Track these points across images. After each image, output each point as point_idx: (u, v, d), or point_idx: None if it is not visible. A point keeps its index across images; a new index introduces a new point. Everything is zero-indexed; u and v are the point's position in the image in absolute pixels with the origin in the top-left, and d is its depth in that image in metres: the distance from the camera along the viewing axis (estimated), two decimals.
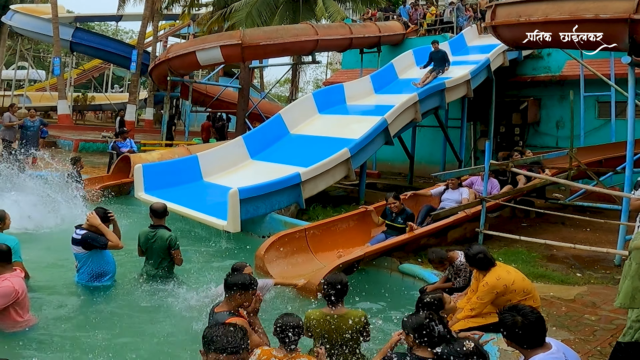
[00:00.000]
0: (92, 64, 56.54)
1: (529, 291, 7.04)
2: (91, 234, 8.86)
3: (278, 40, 23.81)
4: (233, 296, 6.08)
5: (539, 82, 22.69)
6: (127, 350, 6.98)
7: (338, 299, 6.56)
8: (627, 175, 11.17)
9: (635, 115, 11.56)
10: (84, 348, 6.95)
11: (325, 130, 17.19)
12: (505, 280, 7.00)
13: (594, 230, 13.90)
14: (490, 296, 6.99)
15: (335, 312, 6.47)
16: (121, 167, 18.38)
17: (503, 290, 6.94)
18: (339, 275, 6.97)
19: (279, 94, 70.08)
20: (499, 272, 7.16)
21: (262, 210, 12.95)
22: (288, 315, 5.81)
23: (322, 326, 6.34)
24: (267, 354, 5.52)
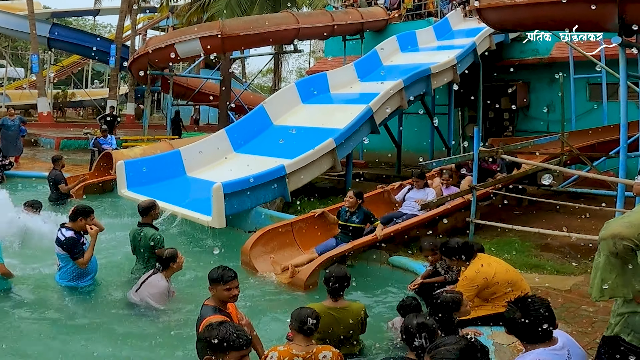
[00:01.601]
0: (70, 60, 56.13)
1: (513, 282, 6.99)
2: (74, 241, 8.81)
3: (258, 30, 23.61)
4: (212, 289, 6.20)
5: (527, 65, 22.53)
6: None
7: (340, 292, 6.74)
8: (621, 159, 11.04)
9: (627, 97, 11.35)
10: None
11: (310, 121, 17.02)
12: (485, 273, 6.96)
13: (589, 217, 13.68)
14: (472, 290, 6.93)
15: (338, 305, 6.62)
16: (103, 164, 18.19)
17: (484, 284, 6.90)
18: (343, 268, 7.11)
19: (261, 84, 69.80)
20: (478, 265, 7.12)
21: (247, 205, 12.80)
22: (307, 308, 5.98)
23: (325, 319, 6.32)
24: (287, 354, 5.61)
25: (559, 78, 14.83)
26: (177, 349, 6.97)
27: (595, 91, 20.46)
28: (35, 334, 7.41)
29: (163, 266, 8.41)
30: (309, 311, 5.86)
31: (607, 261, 4.78)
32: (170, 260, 8.39)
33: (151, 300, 8.12)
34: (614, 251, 4.67)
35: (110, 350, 6.96)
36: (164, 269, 8.40)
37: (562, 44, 19.06)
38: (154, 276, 8.36)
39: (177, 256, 8.46)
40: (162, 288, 8.27)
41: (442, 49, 21.73)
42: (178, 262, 8.46)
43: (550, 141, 15.33)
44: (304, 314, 5.81)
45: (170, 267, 8.40)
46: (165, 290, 8.27)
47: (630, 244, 4.62)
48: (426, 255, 8.76)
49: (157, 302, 8.12)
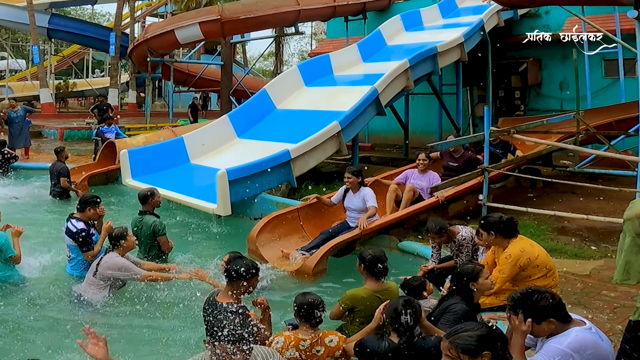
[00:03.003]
0: (71, 50, 56.11)
1: (550, 268, 6.85)
2: (86, 233, 8.82)
3: (258, 13, 23.61)
4: (237, 284, 5.82)
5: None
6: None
7: (385, 274, 6.73)
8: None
9: None
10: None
11: (313, 104, 16.89)
12: (529, 254, 6.79)
13: (607, 199, 13.46)
14: (513, 269, 6.78)
15: (382, 287, 6.64)
16: (107, 153, 18.17)
17: (526, 264, 6.73)
18: (381, 249, 7.08)
19: (263, 68, 69.62)
20: (523, 244, 6.96)
21: (252, 191, 12.66)
22: (309, 294, 5.90)
23: (372, 303, 6.32)
24: (294, 339, 5.64)
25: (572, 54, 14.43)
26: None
27: (611, 67, 20.11)
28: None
29: (113, 245, 8.22)
30: (312, 297, 5.80)
31: (632, 243, 4.61)
32: (120, 239, 8.19)
33: (123, 276, 8.04)
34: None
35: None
36: (114, 248, 8.20)
37: (574, 19, 18.72)
38: (109, 254, 8.19)
39: (126, 234, 8.27)
40: (120, 262, 8.07)
41: (448, 27, 21.53)
42: (128, 240, 8.27)
43: (565, 120, 15.05)
44: (312, 301, 5.77)
45: (120, 245, 8.18)
46: (124, 262, 8.11)
47: None
48: (432, 237, 8.53)
49: (130, 274, 8.01)
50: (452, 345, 3.97)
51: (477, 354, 3.92)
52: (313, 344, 5.63)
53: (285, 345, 5.55)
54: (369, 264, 6.61)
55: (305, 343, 5.60)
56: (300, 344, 5.59)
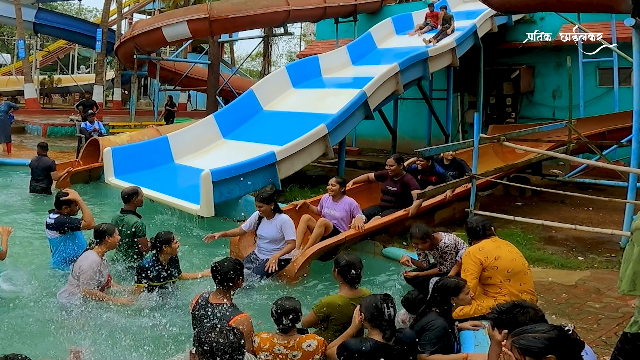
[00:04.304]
0: (57, 45, 56.07)
1: (515, 272, 6.76)
2: (63, 217, 8.98)
3: (247, 12, 23.63)
4: (234, 286, 6.07)
5: (532, 48, 22.25)
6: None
7: (359, 281, 6.69)
8: (633, 148, 10.74)
9: None
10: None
11: (301, 106, 16.88)
12: (487, 252, 6.82)
13: (597, 210, 13.57)
14: (474, 267, 6.77)
15: (357, 294, 6.56)
16: (90, 151, 18.08)
17: (484, 262, 6.74)
18: (357, 255, 7.07)
19: (250, 69, 69.62)
20: (485, 243, 7.00)
21: (236, 193, 12.63)
22: (285, 299, 5.90)
23: (348, 311, 6.27)
24: (268, 342, 5.67)
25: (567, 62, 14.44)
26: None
27: (606, 76, 20.22)
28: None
29: (98, 240, 8.03)
30: (288, 303, 5.78)
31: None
32: (106, 234, 8.00)
33: (82, 278, 7.70)
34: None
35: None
36: (98, 244, 8.01)
37: (569, 26, 18.76)
38: (87, 251, 8.03)
39: (113, 231, 8.11)
40: (94, 263, 7.81)
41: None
42: (114, 237, 8.09)
43: (557, 128, 15.09)
44: (285, 306, 5.76)
45: (105, 241, 7.99)
46: (96, 266, 7.81)
47: None
48: (415, 244, 8.40)
49: (86, 279, 7.66)
50: (514, 344, 3.79)
51: (540, 356, 3.69)
52: (289, 349, 5.63)
53: (260, 348, 5.59)
54: (342, 270, 6.61)
55: (280, 348, 5.63)
56: (275, 348, 5.62)
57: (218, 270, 5.93)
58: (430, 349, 5.76)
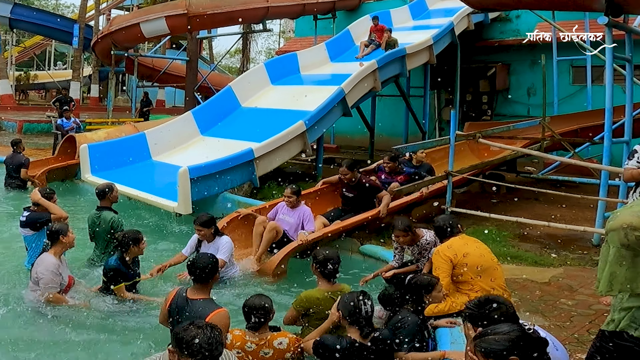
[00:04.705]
0: (33, 41, 55.57)
1: (484, 268, 6.78)
2: (35, 214, 8.94)
3: (226, 9, 23.58)
4: (211, 282, 6.04)
5: (508, 46, 22.42)
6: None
7: (336, 275, 6.74)
8: (605, 145, 10.87)
9: (613, 80, 11.16)
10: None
11: (279, 103, 16.92)
12: (455, 250, 6.85)
13: (570, 207, 13.66)
14: (444, 264, 6.80)
15: (336, 288, 6.65)
16: (67, 147, 17.90)
17: (453, 260, 6.77)
18: (335, 250, 7.18)
19: (229, 65, 69.43)
20: (454, 241, 7.04)
21: (214, 190, 12.65)
22: (256, 297, 5.93)
23: (327, 304, 6.33)
24: (240, 339, 5.68)
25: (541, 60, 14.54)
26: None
27: (579, 74, 20.41)
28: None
29: (51, 241, 7.87)
30: (257, 301, 5.82)
31: (617, 253, 4.60)
32: (59, 233, 7.80)
33: (41, 283, 7.52)
34: (626, 242, 4.49)
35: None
36: (52, 245, 7.85)
37: (544, 24, 18.91)
38: (42, 254, 7.90)
39: (67, 230, 7.94)
40: (51, 265, 7.63)
41: (418, 28, 21.71)
42: (69, 237, 7.91)
43: (531, 126, 15.24)
44: (254, 304, 5.81)
45: (59, 241, 7.81)
46: (54, 268, 7.63)
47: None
48: (397, 236, 8.41)
49: (45, 284, 7.48)
50: (477, 348, 3.77)
51: (503, 358, 3.67)
52: (260, 347, 5.67)
53: (232, 344, 5.59)
54: (319, 264, 6.65)
55: (251, 345, 5.65)
56: (246, 345, 5.64)
57: (194, 266, 5.90)
58: (407, 347, 5.79)
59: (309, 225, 10.21)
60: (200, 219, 9.12)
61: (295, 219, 10.31)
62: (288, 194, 10.36)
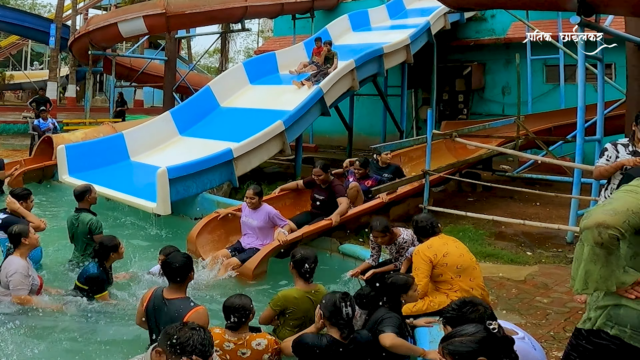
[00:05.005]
0: (9, 41, 54.99)
1: (464, 268, 6.80)
2: (12, 217, 8.91)
3: (204, 8, 23.57)
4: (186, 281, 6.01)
5: (483, 45, 22.64)
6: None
7: (311, 275, 6.79)
8: (578, 144, 10.95)
9: (585, 79, 11.29)
10: None
11: (258, 102, 16.96)
12: (436, 250, 6.84)
13: (544, 205, 13.81)
14: (424, 265, 6.79)
15: (312, 288, 6.73)
16: (44, 148, 17.84)
17: (433, 260, 6.76)
18: (313, 250, 7.24)
19: (208, 65, 69.32)
20: (433, 241, 7.04)
21: (193, 190, 12.60)
22: (235, 297, 5.95)
23: (304, 304, 6.51)
24: (219, 338, 5.67)
25: (516, 59, 14.66)
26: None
27: (553, 73, 20.63)
28: None
29: (14, 244, 7.80)
30: (237, 300, 5.86)
31: (591, 252, 4.64)
32: (21, 236, 7.74)
33: (11, 285, 7.47)
34: (599, 241, 4.52)
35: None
36: (15, 248, 7.78)
37: (519, 23, 19.07)
38: (8, 258, 7.77)
39: (28, 231, 7.87)
40: (20, 267, 7.56)
41: (395, 28, 21.75)
42: (31, 238, 7.85)
43: (506, 124, 15.34)
44: (233, 303, 5.85)
45: (22, 243, 7.76)
46: (24, 270, 7.59)
47: (615, 233, 4.48)
48: (375, 237, 8.48)
49: (15, 286, 7.44)
50: (444, 350, 3.83)
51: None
52: (238, 346, 5.70)
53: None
54: (296, 264, 6.71)
55: (229, 344, 5.69)
56: (224, 344, 5.68)
57: (169, 265, 5.90)
58: (393, 328, 5.80)
59: (281, 222, 10.15)
60: (166, 251, 8.33)
61: (258, 220, 10.13)
62: (250, 194, 10.14)
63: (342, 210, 10.84)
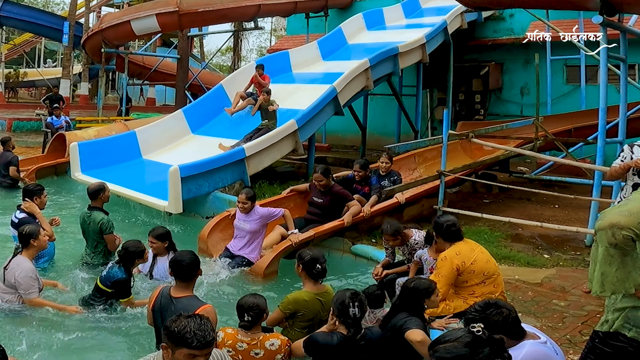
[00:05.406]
0: (23, 38, 55.27)
1: (490, 274, 6.78)
2: (29, 218, 8.99)
3: (217, 6, 23.59)
4: (194, 279, 6.04)
5: (501, 45, 22.43)
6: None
7: (324, 275, 6.73)
8: (599, 146, 10.84)
9: (608, 80, 11.13)
10: None
11: None
12: (464, 257, 6.75)
13: (562, 207, 13.70)
14: (449, 272, 6.73)
15: (322, 289, 6.64)
16: (57, 146, 17.94)
17: (461, 267, 6.70)
18: (319, 250, 7.27)
19: (220, 63, 69.35)
20: (462, 247, 6.91)
21: (205, 189, 12.61)
22: (249, 296, 5.94)
23: (314, 306, 6.45)
24: (232, 338, 5.69)
25: (535, 59, 14.51)
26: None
27: (573, 73, 20.42)
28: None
29: (23, 245, 7.81)
30: (251, 300, 5.83)
31: (606, 253, 4.61)
32: (31, 237, 7.79)
33: (21, 289, 7.48)
34: (613, 242, 4.50)
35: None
36: (24, 248, 7.80)
37: (538, 23, 18.91)
38: (16, 258, 7.73)
39: (38, 233, 7.91)
40: (29, 270, 7.57)
41: (411, 27, 21.61)
42: (40, 240, 7.89)
43: (524, 125, 15.19)
44: (248, 302, 5.82)
45: (30, 244, 7.79)
46: (32, 273, 7.60)
47: (630, 234, 4.46)
48: (386, 240, 8.49)
49: (26, 290, 7.47)
50: (432, 357, 3.74)
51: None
52: (251, 347, 5.67)
53: (223, 342, 5.60)
54: (307, 265, 6.60)
55: (242, 345, 5.66)
56: (237, 345, 5.65)
57: (179, 264, 5.88)
58: (419, 327, 5.68)
59: (277, 213, 9.95)
60: (155, 232, 8.71)
61: (251, 224, 9.77)
62: (243, 199, 9.78)
63: (355, 211, 10.76)
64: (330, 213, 10.92)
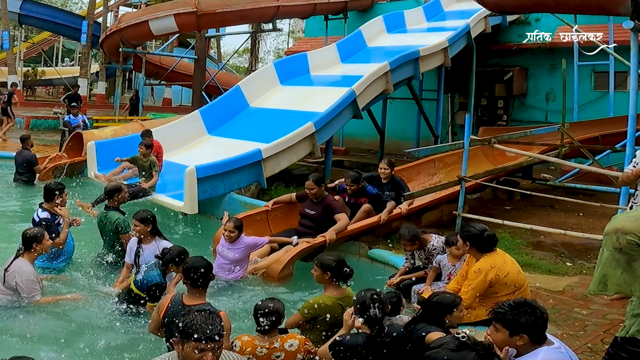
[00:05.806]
0: (41, 37, 55.66)
1: (520, 286, 6.81)
2: (48, 222, 9.12)
3: (236, 7, 23.73)
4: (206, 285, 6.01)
5: (526, 50, 22.29)
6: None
7: (351, 276, 6.70)
8: (627, 153, 10.65)
9: (638, 86, 10.98)
10: None
11: (288, 103, 16.89)
12: (498, 270, 6.74)
13: (587, 215, 13.59)
14: (482, 284, 6.74)
15: (343, 294, 6.62)
16: (74, 144, 18.09)
17: (494, 280, 6.70)
18: (340, 254, 7.21)
19: (237, 64, 69.58)
20: (495, 259, 6.86)
21: (220, 190, 12.65)
22: (267, 300, 5.94)
23: (336, 310, 6.40)
24: (250, 345, 5.70)
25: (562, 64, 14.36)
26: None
27: (601, 80, 20.27)
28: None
29: (25, 247, 7.77)
30: (270, 304, 5.83)
31: (610, 257, 4.68)
32: (33, 241, 7.75)
33: (24, 294, 7.50)
34: (618, 246, 4.57)
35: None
36: (25, 251, 7.77)
37: (566, 27, 18.72)
38: (17, 261, 7.71)
39: (42, 237, 7.82)
40: (30, 274, 7.62)
41: (432, 30, 21.57)
42: (43, 244, 7.83)
43: (549, 132, 15.11)
44: (267, 307, 5.81)
45: (33, 248, 7.77)
46: (33, 276, 7.62)
47: (634, 239, 4.55)
48: (404, 245, 8.54)
49: (29, 293, 7.50)
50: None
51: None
52: (271, 350, 5.67)
53: (242, 350, 5.58)
54: (334, 269, 6.53)
55: (262, 350, 5.66)
56: (257, 350, 5.64)
57: (196, 271, 5.81)
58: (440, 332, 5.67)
59: (260, 243, 9.64)
60: (139, 214, 8.57)
61: (235, 253, 9.29)
62: (230, 228, 9.28)
63: (340, 227, 10.16)
64: (323, 225, 10.34)
